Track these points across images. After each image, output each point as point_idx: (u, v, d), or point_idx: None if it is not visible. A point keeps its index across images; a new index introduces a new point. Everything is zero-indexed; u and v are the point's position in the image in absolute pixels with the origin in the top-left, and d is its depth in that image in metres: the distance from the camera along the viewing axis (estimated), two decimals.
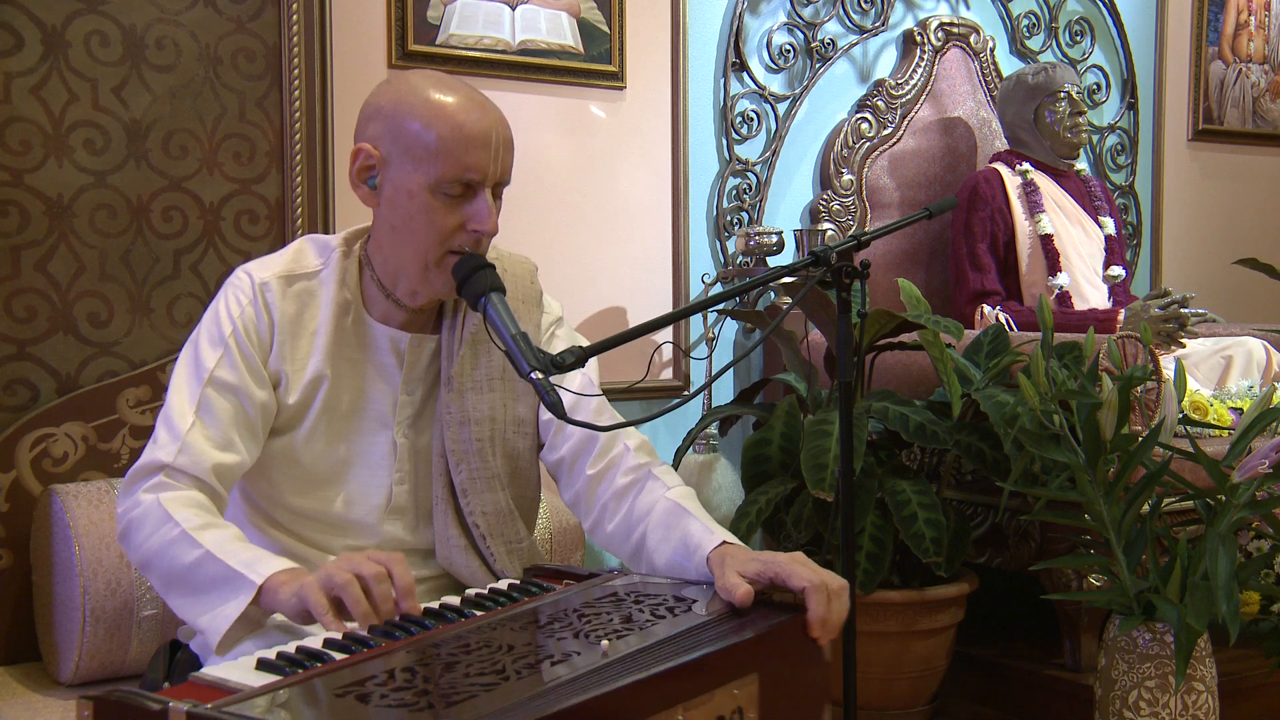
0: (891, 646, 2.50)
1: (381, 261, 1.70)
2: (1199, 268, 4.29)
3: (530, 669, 1.22)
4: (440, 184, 1.60)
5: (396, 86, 1.65)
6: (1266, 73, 4.41)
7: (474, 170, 1.61)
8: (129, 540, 1.58)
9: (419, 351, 1.73)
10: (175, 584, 1.52)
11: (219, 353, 1.64)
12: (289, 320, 1.68)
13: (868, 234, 1.97)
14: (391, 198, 1.64)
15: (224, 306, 1.68)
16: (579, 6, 3.02)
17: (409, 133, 1.60)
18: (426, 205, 1.61)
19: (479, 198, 1.63)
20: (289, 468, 1.70)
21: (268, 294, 1.68)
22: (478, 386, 1.74)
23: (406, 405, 1.73)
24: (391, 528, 1.72)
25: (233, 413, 1.63)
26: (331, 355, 1.69)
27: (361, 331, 1.72)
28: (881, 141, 3.49)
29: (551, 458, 1.80)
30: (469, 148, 1.60)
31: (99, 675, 2.05)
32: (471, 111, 1.61)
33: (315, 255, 1.73)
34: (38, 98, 2.28)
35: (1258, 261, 2.24)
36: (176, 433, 1.60)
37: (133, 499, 1.58)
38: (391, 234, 1.66)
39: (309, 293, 1.70)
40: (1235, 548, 2.06)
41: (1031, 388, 2.15)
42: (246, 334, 1.66)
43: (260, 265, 1.72)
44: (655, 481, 1.71)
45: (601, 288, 3.10)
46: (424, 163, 1.60)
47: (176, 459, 1.58)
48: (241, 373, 1.64)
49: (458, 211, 1.62)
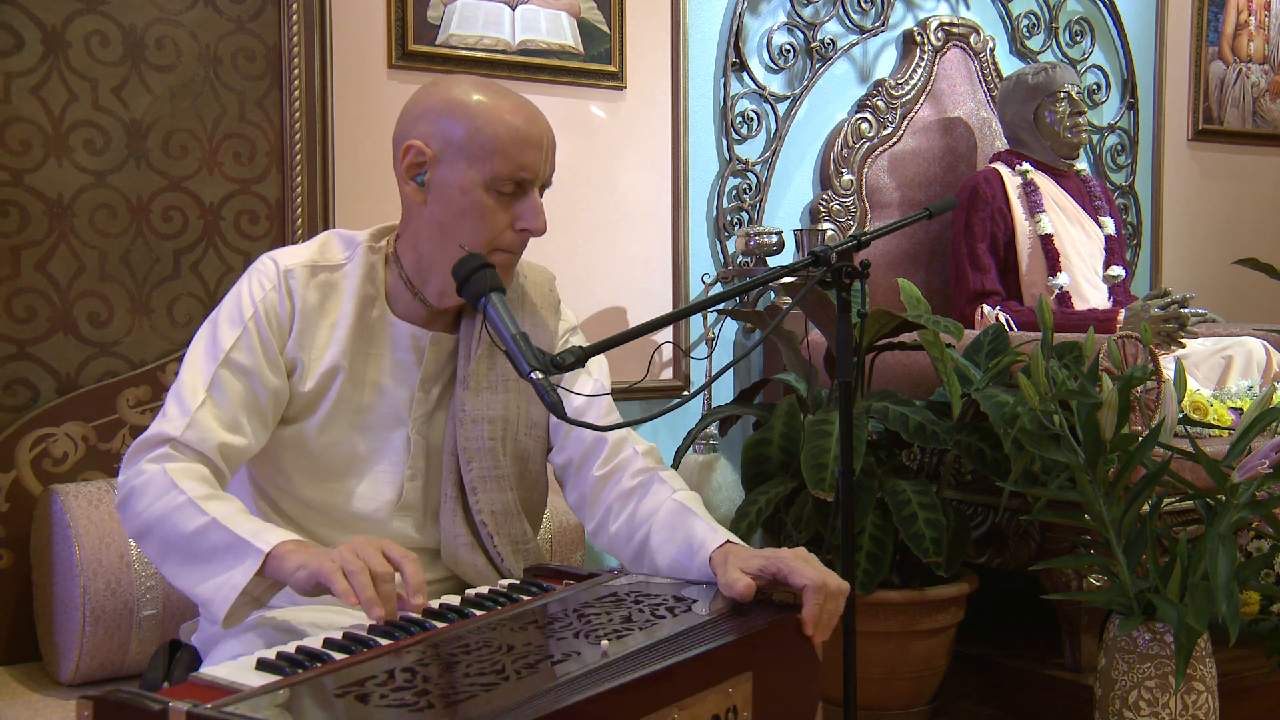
0: (891, 646, 2.50)
1: (414, 259, 1.71)
2: (1199, 268, 4.30)
3: (530, 669, 1.22)
4: (495, 181, 1.63)
5: (446, 88, 1.68)
6: (1266, 73, 4.41)
7: (527, 169, 1.64)
8: (129, 507, 1.57)
9: (438, 350, 1.74)
10: (176, 551, 1.51)
11: (237, 333, 1.65)
12: (310, 309, 1.69)
13: (868, 234, 1.97)
14: (442, 194, 1.66)
15: (247, 289, 1.69)
16: (579, 6, 3.02)
17: (464, 131, 1.63)
18: (479, 202, 1.64)
19: (529, 197, 1.67)
20: (300, 457, 1.70)
21: (291, 281, 1.69)
22: (493, 386, 1.75)
23: (423, 402, 1.74)
24: (400, 524, 1.73)
25: (244, 395, 1.63)
26: (350, 348, 1.70)
27: (382, 327, 1.73)
28: (881, 141, 3.50)
29: (559, 459, 1.81)
30: (525, 147, 1.64)
31: (99, 675, 2.05)
32: (524, 113, 1.66)
33: (341, 249, 1.74)
34: (38, 98, 2.28)
35: (1258, 261, 2.24)
36: (186, 408, 1.60)
37: (135, 468, 1.58)
38: (438, 230, 1.67)
39: (332, 285, 1.71)
40: (1235, 548, 2.06)
41: (1031, 388, 2.15)
42: (267, 318, 1.67)
43: (286, 253, 1.73)
44: (661, 485, 1.71)
45: (601, 288, 3.10)
46: (479, 160, 1.63)
47: (184, 434, 1.58)
48: (258, 356, 1.65)
49: (508, 210, 1.66)
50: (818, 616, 1.44)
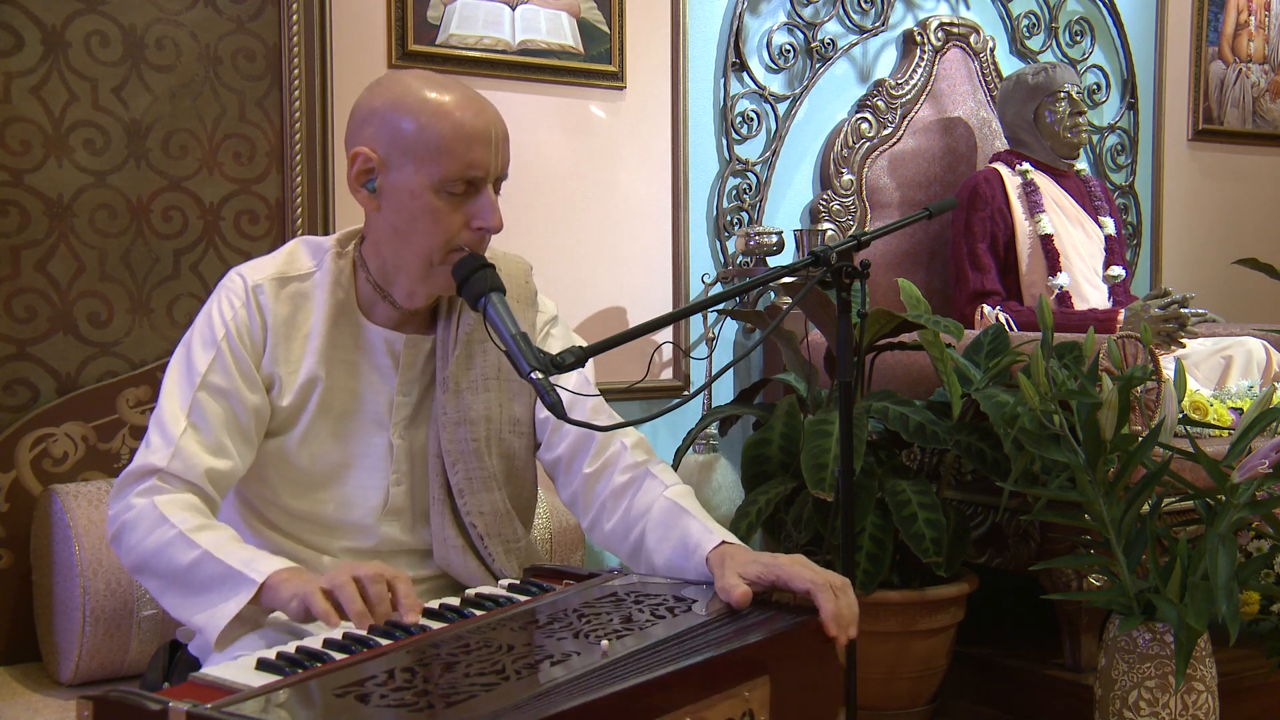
0: (891, 646, 2.50)
1: (379, 263, 1.69)
2: (1199, 268, 4.29)
3: (530, 669, 1.22)
4: (444, 183, 1.59)
5: (388, 87, 1.64)
6: (1266, 73, 4.41)
7: (476, 167, 1.60)
8: (122, 542, 1.57)
9: (414, 352, 1.73)
10: (173, 584, 1.52)
11: (211, 355, 1.64)
12: (282, 322, 1.67)
13: (868, 234, 1.97)
14: (393, 200, 1.63)
15: (217, 309, 1.67)
16: (579, 6, 3.02)
17: (407, 133, 1.59)
18: (430, 205, 1.60)
19: (482, 194, 1.62)
20: (284, 469, 1.69)
21: (261, 296, 1.67)
22: (473, 386, 1.73)
23: (403, 406, 1.72)
24: (389, 529, 1.72)
25: (225, 417, 1.62)
26: (326, 357, 1.68)
27: (356, 333, 1.71)
28: (881, 141, 3.49)
29: (549, 457, 1.80)
30: (471, 145, 1.59)
31: (99, 675, 2.05)
32: (469, 108, 1.61)
33: (309, 257, 1.72)
34: (38, 98, 2.28)
35: (1258, 261, 2.24)
36: (170, 437, 1.59)
37: (124, 502, 1.58)
38: (394, 236, 1.65)
39: (302, 295, 1.69)
40: (1235, 548, 2.06)
41: (1031, 388, 2.15)
42: (239, 337, 1.65)
43: (253, 267, 1.71)
44: (653, 480, 1.70)
45: (601, 288, 3.10)
46: (425, 163, 1.59)
47: (170, 464, 1.58)
48: (234, 376, 1.63)
49: (461, 210, 1.62)
50: (837, 613, 1.42)
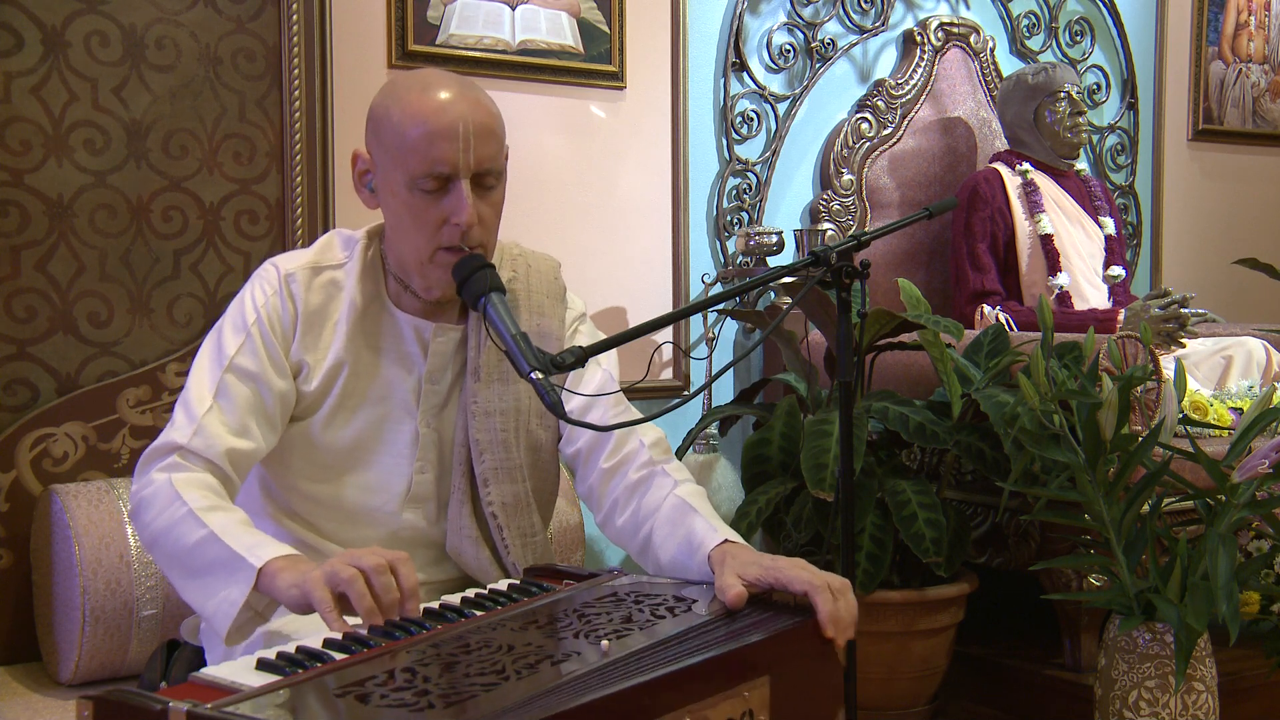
0: (891, 646, 2.50)
1: (395, 257, 1.73)
2: (1199, 268, 4.29)
3: (530, 669, 1.22)
4: (414, 181, 1.62)
5: (385, 88, 1.69)
6: (1266, 73, 4.41)
7: (442, 163, 1.61)
8: (139, 518, 1.59)
9: (444, 341, 1.75)
10: (177, 564, 1.53)
11: (241, 339, 1.67)
12: (313, 311, 1.70)
13: (868, 234, 1.96)
14: (384, 199, 1.68)
15: (250, 296, 1.70)
16: (579, 6, 3.02)
17: (387, 133, 1.63)
18: (408, 203, 1.63)
19: (454, 191, 1.63)
20: (307, 452, 1.71)
21: (293, 285, 1.70)
22: (503, 378, 1.75)
23: (431, 395, 1.74)
24: (411, 516, 1.73)
25: (250, 400, 1.64)
26: (353, 343, 1.71)
27: (385, 321, 1.74)
28: (881, 141, 3.49)
29: (569, 450, 1.82)
30: (433, 141, 1.60)
31: (99, 675, 2.05)
32: (438, 104, 1.62)
33: (341, 248, 1.76)
34: (38, 98, 2.28)
35: (1258, 261, 2.24)
36: (193, 415, 1.62)
37: (145, 478, 1.59)
38: (392, 234, 1.70)
39: (334, 284, 1.72)
40: (1235, 548, 2.06)
41: (1031, 388, 2.15)
42: (270, 323, 1.68)
43: (288, 258, 1.75)
44: (664, 478, 1.72)
45: (601, 287, 3.10)
46: (398, 163, 1.62)
47: (191, 441, 1.59)
48: (262, 361, 1.66)
49: (437, 207, 1.63)
50: (834, 613, 1.43)
